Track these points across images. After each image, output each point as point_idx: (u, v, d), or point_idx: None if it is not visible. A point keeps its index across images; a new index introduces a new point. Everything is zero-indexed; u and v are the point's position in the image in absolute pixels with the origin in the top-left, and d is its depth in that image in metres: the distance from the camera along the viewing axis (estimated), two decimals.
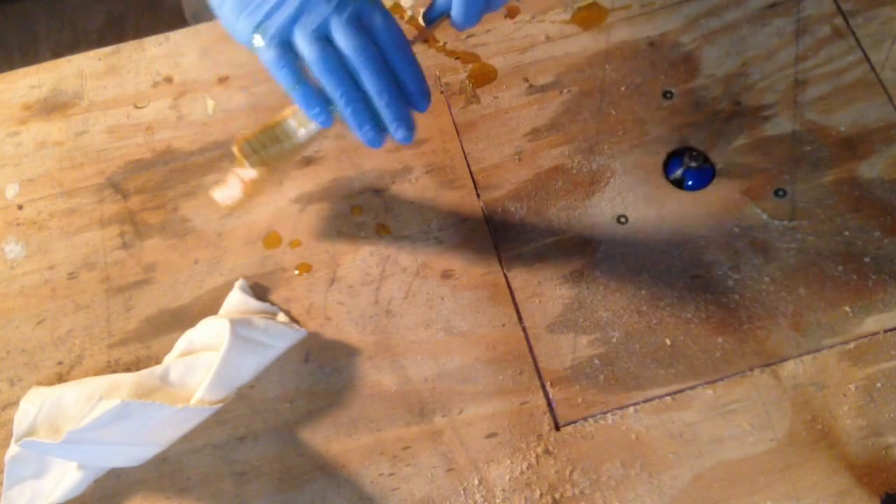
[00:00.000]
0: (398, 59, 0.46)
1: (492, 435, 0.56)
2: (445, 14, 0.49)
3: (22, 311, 0.62)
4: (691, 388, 0.57)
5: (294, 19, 0.44)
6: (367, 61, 0.45)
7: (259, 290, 0.61)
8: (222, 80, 0.68)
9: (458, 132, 0.65)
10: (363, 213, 0.63)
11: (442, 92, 0.67)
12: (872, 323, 0.58)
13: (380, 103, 0.46)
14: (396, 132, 0.47)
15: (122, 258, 0.63)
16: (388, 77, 0.46)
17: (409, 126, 0.47)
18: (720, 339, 0.58)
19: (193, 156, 0.66)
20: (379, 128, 0.47)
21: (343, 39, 0.44)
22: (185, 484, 0.56)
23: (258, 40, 0.45)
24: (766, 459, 0.54)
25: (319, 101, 0.47)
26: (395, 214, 0.63)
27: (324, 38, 0.44)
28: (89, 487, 0.56)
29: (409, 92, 0.47)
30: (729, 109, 0.65)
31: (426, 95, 0.48)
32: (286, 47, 0.45)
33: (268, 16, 0.44)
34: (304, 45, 0.45)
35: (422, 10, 0.52)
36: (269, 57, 0.45)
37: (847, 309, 0.58)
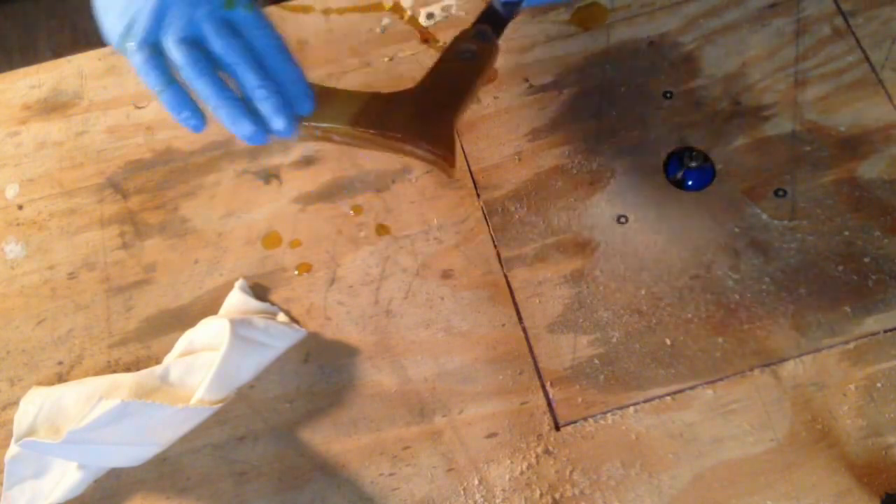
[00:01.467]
0: (274, 60, 0.44)
1: (492, 435, 0.56)
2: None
3: (22, 311, 0.62)
4: (691, 388, 0.57)
5: (159, 22, 0.43)
6: (240, 58, 0.43)
7: (259, 290, 0.61)
8: None
9: (458, 132, 0.65)
10: (363, 213, 0.63)
11: None
12: (872, 323, 0.58)
13: (257, 98, 0.44)
14: (276, 124, 0.45)
15: (122, 258, 0.63)
16: (263, 73, 0.44)
17: (289, 118, 0.45)
18: (720, 339, 0.58)
19: (193, 156, 0.66)
20: (257, 123, 0.45)
21: (214, 41, 0.43)
22: (185, 484, 0.56)
23: (130, 45, 0.44)
24: (766, 459, 0.54)
25: (188, 104, 0.45)
26: (395, 214, 0.63)
27: (192, 41, 0.43)
28: (89, 487, 0.56)
29: (289, 95, 0.45)
30: (729, 109, 0.65)
31: (308, 97, 0.46)
32: (153, 50, 0.44)
33: (133, 20, 0.43)
34: (172, 48, 0.43)
35: (422, 11, 0.52)
36: (136, 60, 0.44)
37: (847, 309, 0.58)
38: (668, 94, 0.65)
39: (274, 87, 0.44)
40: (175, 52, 0.43)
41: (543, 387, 0.57)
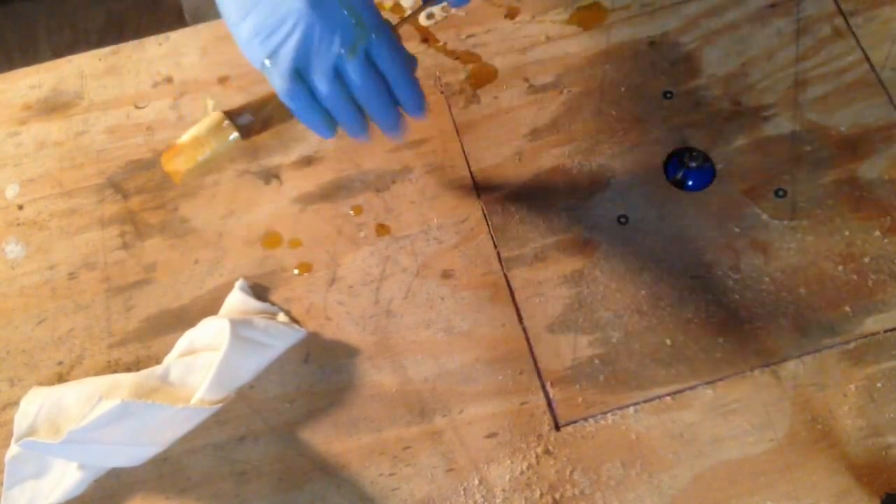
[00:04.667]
0: (401, 89, 0.48)
1: (492, 435, 0.56)
2: None
3: (22, 311, 0.62)
4: (691, 388, 0.57)
5: (305, 54, 0.45)
6: (374, 99, 0.47)
7: (259, 290, 0.61)
8: (222, 80, 0.68)
9: (458, 132, 0.65)
10: (363, 213, 0.63)
11: (442, 92, 0.67)
12: (872, 323, 0.58)
13: (380, 125, 0.50)
14: (390, 136, 0.51)
15: (122, 258, 0.63)
16: (390, 106, 0.48)
17: (402, 129, 0.51)
18: (720, 339, 0.58)
19: None
20: (369, 130, 0.50)
21: (354, 78, 0.46)
22: (185, 484, 0.56)
23: (270, 67, 0.45)
24: (766, 459, 0.54)
25: (329, 126, 0.48)
26: (395, 214, 0.63)
27: (335, 74, 0.45)
28: (89, 487, 0.56)
29: (406, 109, 0.50)
30: (729, 109, 0.65)
31: (422, 109, 0.50)
32: (297, 78, 0.45)
33: (279, 46, 0.44)
34: (316, 79, 0.45)
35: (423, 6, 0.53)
36: (280, 86, 0.46)
37: (847, 309, 0.58)
38: (668, 94, 0.65)
39: (395, 114, 0.49)
40: (320, 85, 0.46)
41: (543, 387, 0.57)
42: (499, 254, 0.61)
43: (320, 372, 0.59)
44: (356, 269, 0.62)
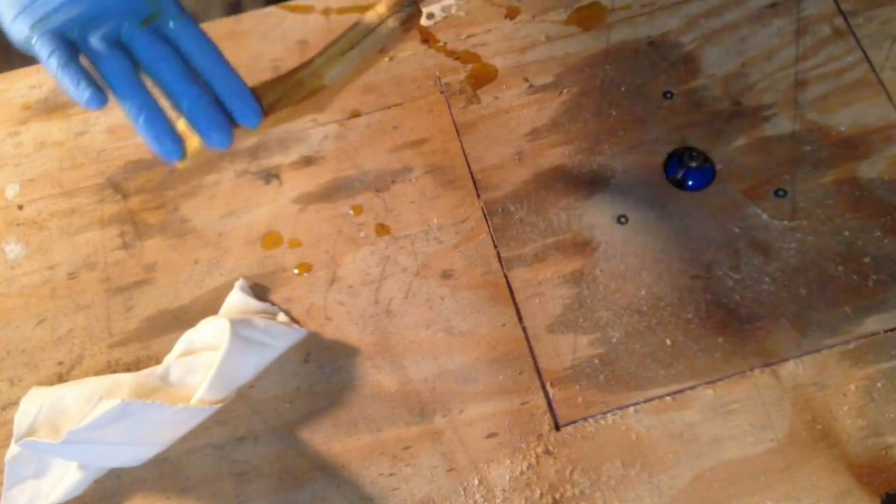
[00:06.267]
0: (209, 67, 0.41)
1: (492, 435, 0.56)
2: None
3: (22, 311, 0.62)
4: (691, 388, 0.57)
5: (81, 22, 0.40)
6: (166, 62, 0.40)
7: (259, 290, 0.61)
8: None
9: (458, 132, 0.65)
10: (363, 213, 0.63)
11: (442, 92, 0.67)
12: (872, 323, 0.58)
13: (186, 107, 0.41)
14: (214, 139, 0.41)
15: (122, 258, 0.63)
16: (192, 80, 0.41)
17: (226, 131, 0.41)
18: (720, 339, 0.58)
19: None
20: (179, 139, 0.41)
21: (138, 42, 0.40)
22: (185, 484, 0.56)
23: (34, 40, 0.40)
24: (766, 459, 0.54)
25: (90, 80, 0.40)
26: (395, 214, 0.63)
27: (114, 42, 0.40)
28: (89, 487, 0.56)
29: (229, 106, 0.42)
30: (729, 109, 0.65)
31: (255, 112, 0.42)
32: (62, 40, 0.39)
33: (47, 16, 0.40)
34: (92, 44, 0.40)
35: (422, 11, 0.52)
36: (40, 48, 0.40)
37: (847, 309, 0.58)
38: (668, 94, 0.65)
39: (204, 96, 0.41)
40: (93, 50, 0.40)
41: (543, 387, 0.57)
42: (499, 254, 0.61)
43: (320, 372, 0.59)
44: (356, 269, 0.62)
